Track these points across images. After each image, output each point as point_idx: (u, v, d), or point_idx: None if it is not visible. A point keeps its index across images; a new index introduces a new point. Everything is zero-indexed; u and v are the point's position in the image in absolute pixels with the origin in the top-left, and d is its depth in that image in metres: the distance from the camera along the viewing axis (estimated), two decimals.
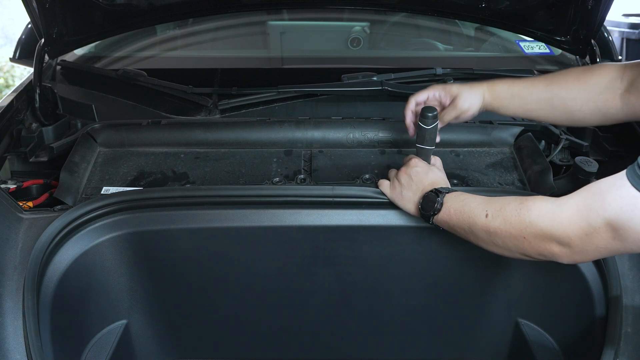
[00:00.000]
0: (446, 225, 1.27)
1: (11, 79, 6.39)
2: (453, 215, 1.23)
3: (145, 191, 1.45)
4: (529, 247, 1.10)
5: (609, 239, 1.00)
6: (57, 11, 1.71)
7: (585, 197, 1.03)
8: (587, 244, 1.03)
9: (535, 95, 1.40)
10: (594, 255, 1.06)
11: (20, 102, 1.79)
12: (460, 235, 1.25)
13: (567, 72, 1.40)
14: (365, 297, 1.61)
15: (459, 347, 1.72)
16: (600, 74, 1.35)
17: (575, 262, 1.09)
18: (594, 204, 1.00)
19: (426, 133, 1.37)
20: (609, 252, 1.04)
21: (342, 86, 1.82)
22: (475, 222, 1.18)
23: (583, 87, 1.36)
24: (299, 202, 1.44)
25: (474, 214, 1.18)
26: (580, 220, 1.02)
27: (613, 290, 1.30)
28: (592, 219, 1.00)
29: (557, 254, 1.08)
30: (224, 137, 1.69)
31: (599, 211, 0.99)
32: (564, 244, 1.05)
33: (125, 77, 1.86)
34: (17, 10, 3.06)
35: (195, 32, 2.33)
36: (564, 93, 1.37)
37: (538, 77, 1.44)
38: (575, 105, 1.37)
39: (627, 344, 1.23)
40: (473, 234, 1.20)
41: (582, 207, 1.02)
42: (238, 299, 1.61)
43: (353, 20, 2.39)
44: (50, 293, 1.32)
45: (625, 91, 1.31)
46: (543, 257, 1.11)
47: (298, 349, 1.73)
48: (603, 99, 1.34)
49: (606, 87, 1.33)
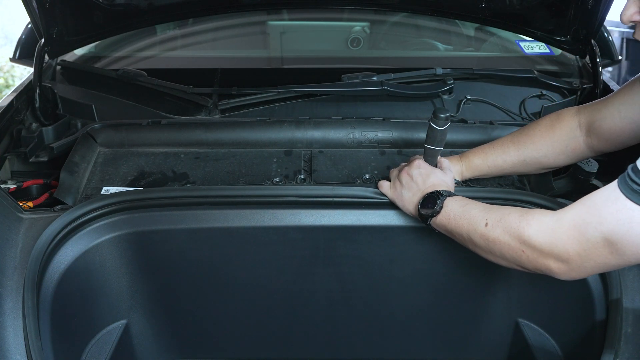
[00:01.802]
0: (444, 229, 1.27)
1: (11, 79, 6.39)
2: (452, 219, 1.23)
3: (145, 191, 1.45)
4: (527, 260, 1.10)
5: (606, 254, 0.99)
6: (57, 11, 1.71)
7: (581, 211, 1.02)
8: (586, 260, 1.02)
9: (509, 161, 1.47)
10: (591, 271, 1.06)
11: (20, 102, 1.79)
12: (457, 240, 1.25)
13: (533, 131, 1.45)
14: (365, 297, 1.61)
15: (459, 347, 1.72)
16: (561, 127, 1.42)
17: (572, 278, 1.08)
18: (590, 219, 1.00)
19: (437, 134, 1.36)
20: (607, 268, 1.04)
21: (342, 86, 1.82)
22: (475, 229, 1.18)
23: (550, 143, 1.43)
24: (299, 202, 1.44)
25: (473, 220, 1.18)
26: (579, 236, 1.01)
27: (613, 290, 1.30)
28: (589, 234, 1.00)
29: (554, 270, 1.08)
30: (224, 137, 1.69)
31: (596, 226, 0.99)
32: (562, 260, 1.05)
33: (125, 77, 1.86)
34: (17, 10, 3.06)
35: (195, 32, 2.33)
36: (535, 153, 1.45)
37: (507, 142, 1.49)
38: (548, 161, 1.45)
39: (627, 345, 1.23)
40: (471, 241, 1.20)
41: (579, 222, 1.02)
42: (238, 299, 1.61)
43: (353, 20, 2.39)
44: (50, 293, 1.32)
45: (586, 137, 1.39)
46: (540, 271, 1.11)
47: (298, 349, 1.73)
48: (571, 149, 1.42)
49: (569, 138, 1.41)
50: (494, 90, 1.90)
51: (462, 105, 1.83)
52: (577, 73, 2.00)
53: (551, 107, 1.83)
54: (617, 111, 1.32)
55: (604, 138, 1.35)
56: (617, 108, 1.32)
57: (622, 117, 1.31)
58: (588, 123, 1.38)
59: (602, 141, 1.36)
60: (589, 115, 1.38)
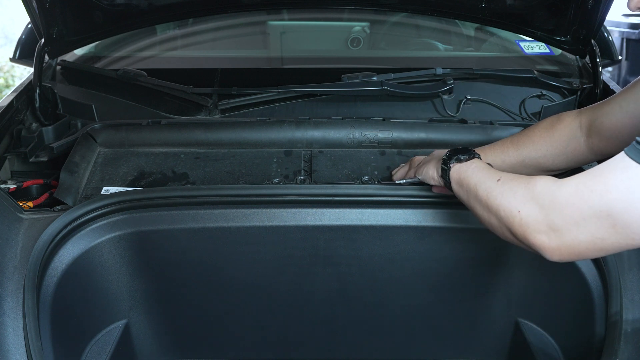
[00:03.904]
0: (457, 179, 1.24)
1: (11, 79, 6.40)
2: (470, 170, 1.21)
3: (145, 191, 1.45)
4: (518, 224, 1.03)
5: (606, 227, 0.92)
6: (57, 11, 1.71)
7: (586, 179, 0.96)
8: (581, 232, 0.95)
9: (507, 161, 1.46)
10: (584, 248, 0.97)
11: (20, 102, 1.79)
12: (462, 194, 1.22)
13: (532, 132, 1.45)
14: (365, 296, 1.61)
15: (459, 347, 1.72)
16: (561, 127, 1.41)
17: (560, 257, 1.00)
18: (596, 186, 0.93)
19: None
20: (602, 246, 0.95)
21: (342, 86, 1.82)
22: (485, 181, 1.15)
23: (549, 143, 1.42)
24: (299, 201, 1.44)
25: (489, 175, 1.16)
26: (580, 202, 0.94)
27: (613, 290, 1.30)
28: (592, 201, 0.93)
29: (542, 244, 1.00)
30: (224, 137, 1.69)
31: (601, 194, 0.92)
32: (554, 229, 0.98)
33: (125, 77, 1.86)
34: (17, 10, 3.06)
35: (195, 32, 2.33)
36: (533, 154, 1.44)
37: (507, 142, 1.49)
38: (547, 162, 1.44)
39: (627, 344, 1.23)
40: (475, 193, 1.16)
41: (582, 188, 0.95)
42: (238, 298, 1.61)
43: (353, 20, 2.39)
44: (50, 293, 1.32)
45: (587, 137, 1.38)
46: (526, 242, 1.03)
47: (298, 348, 1.73)
48: (571, 150, 1.40)
49: (570, 138, 1.40)
50: (494, 90, 1.90)
51: (462, 105, 1.83)
52: (577, 73, 2.00)
53: (551, 107, 1.83)
54: (619, 106, 1.32)
55: (606, 136, 1.34)
56: (619, 104, 1.32)
57: (624, 112, 1.30)
58: (589, 122, 1.37)
59: (603, 140, 1.35)
60: (590, 115, 1.38)
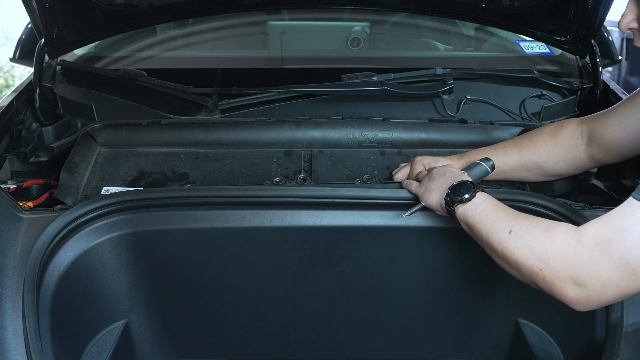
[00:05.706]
0: (465, 222, 1.21)
1: (11, 79, 6.40)
2: (477, 214, 1.18)
3: (145, 191, 1.45)
4: (542, 280, 1.04)
5: (630, 274, 0.95)
6: (57, 11, 1.71)
7: (601, 227, 0.98)
8: (607, 283, 0.97)
9: (510, 163, 1.48)
10: (611, 297, 1.00)
11: (20, 102, 1.79)
12: (474, 236, 1.20)
13: (536, 136, 1.48)
14: (365, 297, 1.61)
15: (459, 347, 1.72)
16: (564, 134, 1.45)
17: (589, 307, 1.02)
18: (612, 234, 0.96)
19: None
20: (629, 292, 0.98)
21: (342, 86, 1.82)
22: (497, 232, 1.12)
23: (552, 149, 1.45)
24: (299, 202, 1.44)
25: (499, 223, 1.13)
26: (601, 255, 0.97)
27: None
28: (612, 251, 0.95)
29: (570, 297, 1.02)
30: (224, 137, 1.69)
31: (618, 241, 0.95)
32: (581, 284, 0.99)
33: (125, 77, 1.86)
34: (17, 10, 3.06)
35: (195, 32, 2.33)
36: (535, 157, 1.46)
37: (510, 144, 1.51)
38: (548, 166, 1.47)
39: (627, 345, 1.23)
40: (489, 244, 1.14)
41: (601, 239, 0.97)
42: (238, 299, 1.61)
43: (353, 20, 2.39)
44: (50, 293, 1.32)
45: (587, 146, 1.42)
46: (553, 295, 1.05)
47: (298, 349, 1.73)
48: (571, 157, 1.44)
49: (571, 145, 1.44)
50: (494, 90, 1.90)
51: (462, 105, 1.83)
52: (577, 73, 2.00)
53: (551, 107, 1.83)
54: (618, 121, 1.35)
55: (605, 148, 1.38)
56: (619, 118, 1.35)
57: (623, 126, 1.34)
58: (589, 132, 1.41)
59: (602, 151, 1.39)
60: (591, 124, 1.41)
